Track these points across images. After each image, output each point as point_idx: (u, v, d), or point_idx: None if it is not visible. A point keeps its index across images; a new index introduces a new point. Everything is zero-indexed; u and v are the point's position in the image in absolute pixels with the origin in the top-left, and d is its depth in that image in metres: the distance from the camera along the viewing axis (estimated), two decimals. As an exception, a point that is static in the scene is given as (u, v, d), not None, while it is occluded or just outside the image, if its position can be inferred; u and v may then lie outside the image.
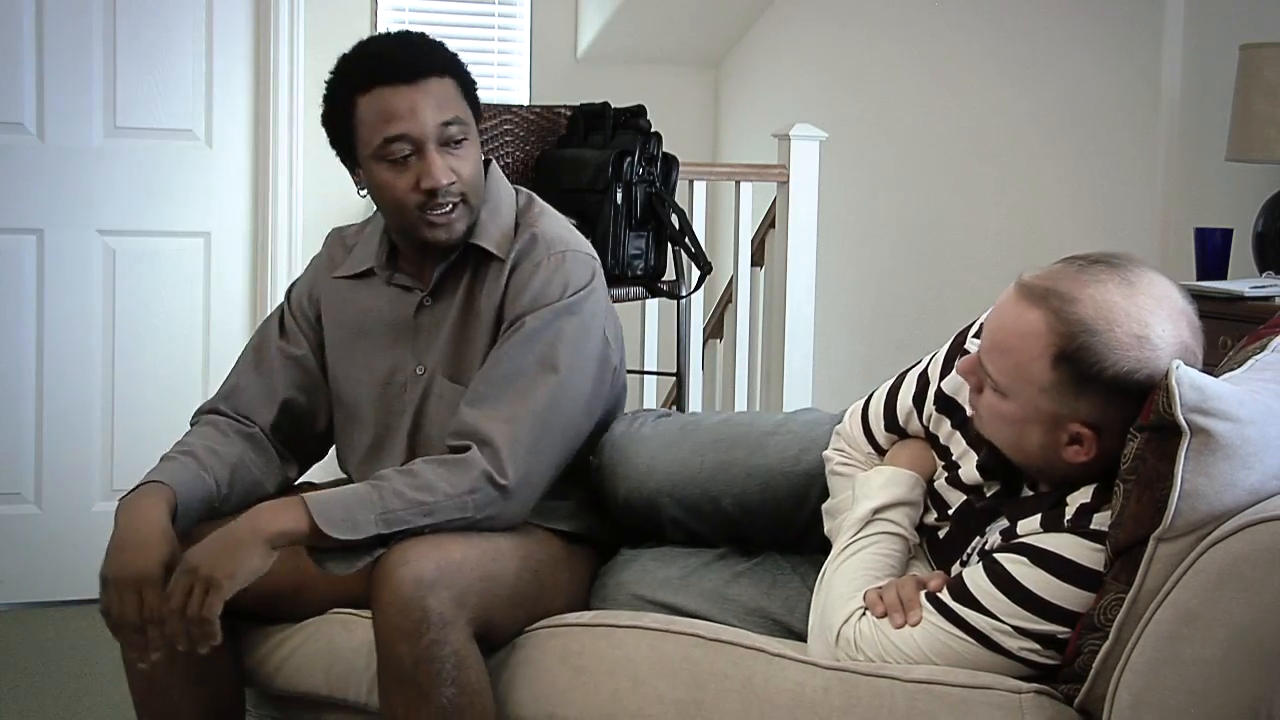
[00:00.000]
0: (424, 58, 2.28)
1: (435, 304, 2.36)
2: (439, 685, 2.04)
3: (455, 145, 2.27)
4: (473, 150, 2.30)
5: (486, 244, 2.32)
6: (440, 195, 2.25)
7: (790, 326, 4.31)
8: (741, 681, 2.03)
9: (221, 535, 2.09)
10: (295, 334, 2.45)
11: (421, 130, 2.24)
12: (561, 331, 2.26)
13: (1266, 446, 1.79)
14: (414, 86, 2.24)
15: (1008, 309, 1.94)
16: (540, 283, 2.28)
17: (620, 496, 2.37)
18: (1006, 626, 1.92)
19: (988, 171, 4.62)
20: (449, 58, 2.31)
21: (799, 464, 2.30)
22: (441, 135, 2.25)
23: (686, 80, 5.79)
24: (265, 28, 4.38)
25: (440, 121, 2.25)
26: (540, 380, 2.23)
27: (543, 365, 2.24)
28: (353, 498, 2.14)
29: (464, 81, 2.31)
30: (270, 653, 2.34)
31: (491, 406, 2.20)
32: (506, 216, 2.36)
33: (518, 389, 2.22)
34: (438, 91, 2.25)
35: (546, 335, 2.25)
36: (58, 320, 4.24)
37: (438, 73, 2.27)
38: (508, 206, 2.38)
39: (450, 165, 2.26)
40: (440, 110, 2.25)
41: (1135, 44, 4.07)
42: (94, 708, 3.46)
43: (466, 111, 2.29)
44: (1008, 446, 1.99)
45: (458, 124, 2.26)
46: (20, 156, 4.16)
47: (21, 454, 4.22)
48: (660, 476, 2.34)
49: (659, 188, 3.70)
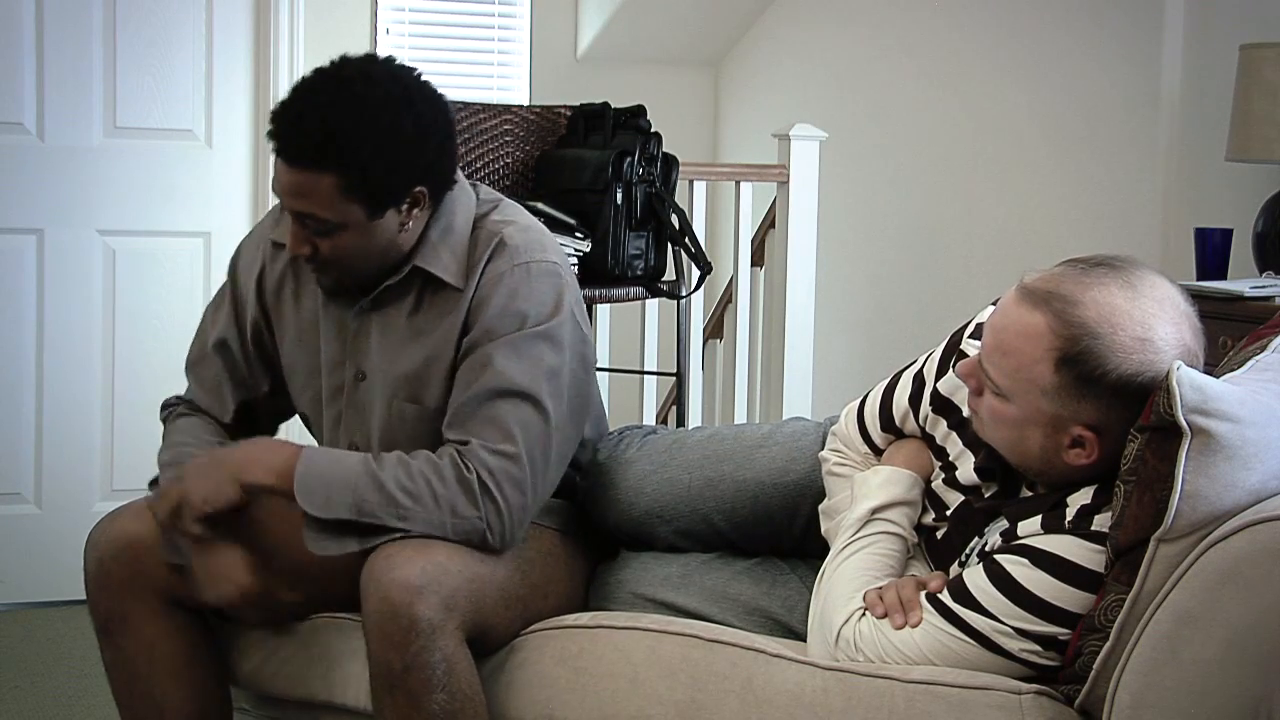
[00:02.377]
0: (306, 147, 2.10)
1: (375, 311, 2.27)
2: (430, 691, 2.03)
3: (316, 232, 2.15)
4: (347, 239, 2.16)
5: (434, 269, 2.22)
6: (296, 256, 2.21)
7: (790, 326, 4.30)
8: (740, 682, 2.03)
9: (212, 459, 2.19)
10: (230, 316, 2.38)
11: (285, 203, 2.16)
12: (544, 362, 2.18)
13: (1267, 447, 1.79)
14: (287, 168, 2.13)
15: (1010, 311, 1.94)
16: (510, 300, 2.19)
17: (610, 522, 2.36)
18: (1007, 628, 1.92)
19: (988, 171, 4.62)
20: (343, 155, 2.10)
21: (787, 474, 2.30)
22: (297, 218, 2.16)
23: (686, 80, 5.79)
24: (265, 28, 4.38)
25: (294, 210, 2.15)
26: (532, 417, 2.16)
27: (533, 401, 2.16)
28: (339, 474, 2.12)
29: (354, 178, 2.11)
30: (267, 657, 2.33)
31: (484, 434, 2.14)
32: (459, 237, 2.23)
33: (508, 422, 2.14)
34: (305, 183, 2.12)
35: (527, 365, 2.17)
36: (58, 320, 4.23)
37: (315, 168, 2.10)
38: (464, 221, 2.25)
39: (310, 240, 2.17)
40: (297, 200, 2.13)
41: (1135, 44, 4.07)
42: (94, 708, 3.46)
43: (347, 211, 2.13)
44: (1008, 449, 1.99)
45: (315, 221, 2.14)
46: (20, 156, 4.16)
47: (21, 454, 4.22)
48: (649, 499, 2.33)
49: (659, 188, 3.70)
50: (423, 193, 2.19)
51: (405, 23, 5.00)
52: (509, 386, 2.16)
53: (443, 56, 5.12)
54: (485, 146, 3.82)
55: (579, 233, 3.58)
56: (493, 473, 2.11)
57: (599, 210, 3.63)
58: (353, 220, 2.14)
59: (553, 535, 2.32)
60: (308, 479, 2.12)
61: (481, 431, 2.14)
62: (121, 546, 2.23)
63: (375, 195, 2.14)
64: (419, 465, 2.13)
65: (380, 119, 2.11)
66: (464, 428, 2.16)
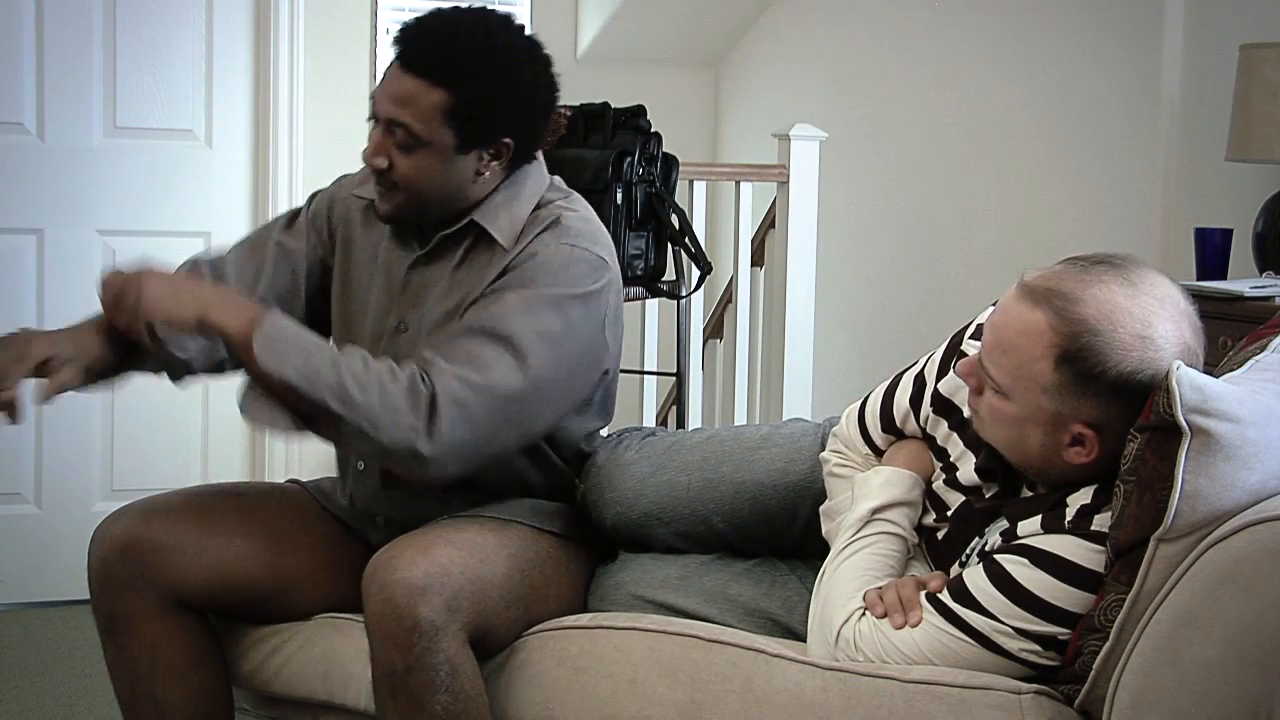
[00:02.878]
0: (430, 57, 2.18)
1: (428, 266, 2.31)
2: (433, 693, 2.03)
3: (400, 145, 2.20)
4: (426, 161, 2.20)
5: (488, 225, 2.25)
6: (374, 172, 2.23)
7: (790, 326, 4.30)
8: (740, 682, 2.03)
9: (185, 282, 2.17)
10: (302, 232, 2.41)
11: (378, 106, 2.21)
12: (546, 325, 2.17)
13: (1267, 447, 1.79)
14: (402, 73, 2.19)
15: (1010, 309, 1.94)
16: (545, 264, 2.21)
17: (608, 523, 2.36)
18: (1006, 627, 1.92)
19: (987, 171, 4.62)
20: (459, 76, 2.17)
21: (786, 475, 2.30)
22: (387, 127, 2.20)
23: (686, 80, 5.79)
24: (265, 28, 4.38)
25: (389, 117, 2.19)
26: (511, 366, 2.14)
27: (518, 352, 2.15)
28: (302, 341, 2.11)
29: (461, 103, 2.18)
30: (268, 657, 2.34)
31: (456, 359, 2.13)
32: (522, 208, 2.28)
33: (485, 359, 2.13)
34: (415, 92, 2.17)
35: (528, 320, 2.16)
36: (58, 320, 4.18)
37: (429, 79, 2.17)
38: (531, 195, 2.29)
39: (388, 153, 2.20)
40: (398, 107, 2.18)
41: (1135, 44, 4.07)
42: (94, 708, 3.46)
43: (435, 130, 2.18)
44: (1008, 448, 1.99)
45: (406, 132, 2.18)
46: (20, 156, 4.16)
47: (21, 454, 4.22)
48: (648, 501, 2.33)
49: (659, 188, 3.70)
50: (508, 146, 2.24)
51: (405, 23, 5.00)
52: (500, 330, 2.15)
53: (443, 56, 5.12)
54: (485, 146, 3.82)
55: (579, 233, 3.58)
56: (449, 396, 2.09)
57: (599, 210, 3.61)
58: (440, 144, 2.19)
59: (552, 539, 2.31)
60: (270, 332, 2.09)
61: (454, 356, 2.13)
62: (125, 546, 2.23)
63: (470, 128, 2.20)
64: (378, 365, 2.11)
65: (505, 61, 2.21)
66: (439, 349, 2.15)
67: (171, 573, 2.24)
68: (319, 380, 2.07)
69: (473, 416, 2.11)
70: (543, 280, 2.20)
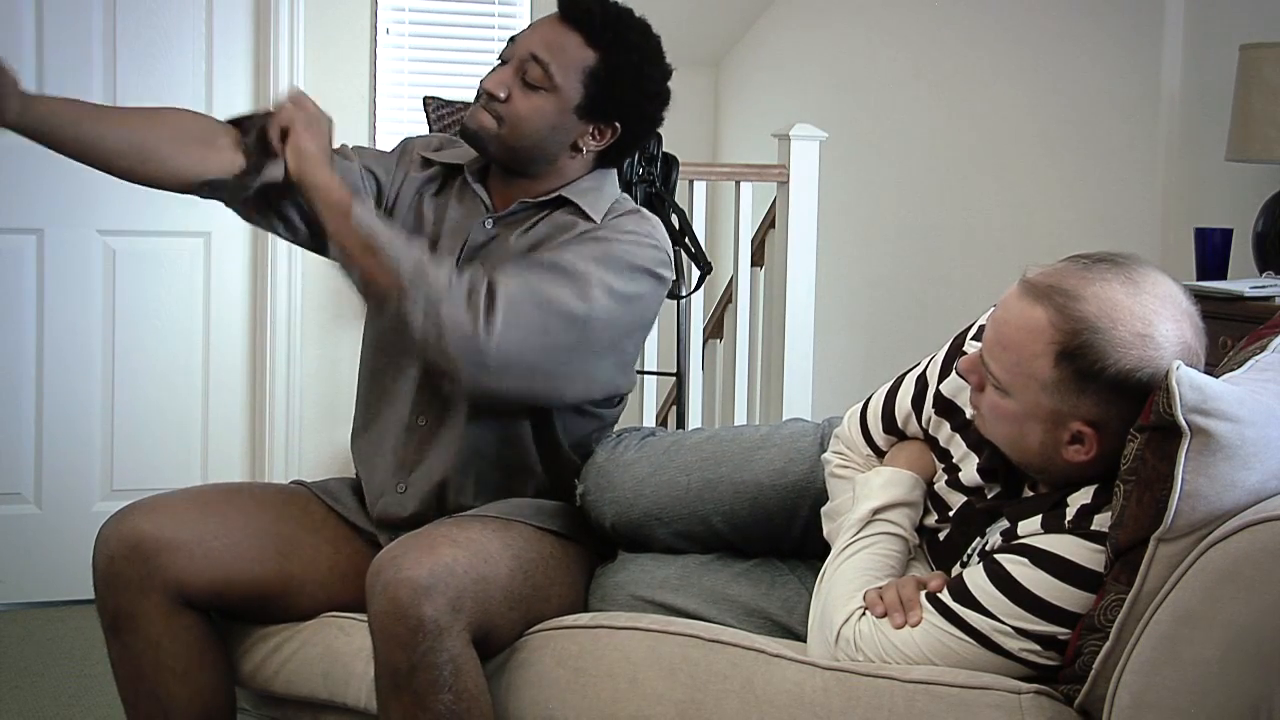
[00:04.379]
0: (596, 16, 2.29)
1: (496, 229, 2.36)
2: (437, 692, 2.03)
3: (528, 84, 2.27)
4: (546, 105, 2.28)
5: (575, 198, 2.33)
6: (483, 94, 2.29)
7: (790, 326, 4.31)
8: (740, 682, 2.03)
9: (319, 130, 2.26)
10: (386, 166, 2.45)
11: (521, 42, 2.29)
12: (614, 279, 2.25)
13: (1266, 447, 1.79)
14: (558, 20, 2.28)
15: (1011, 305, 1.94)
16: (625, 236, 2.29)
17: (608, 523, 2.36)
18: (1006, 627, 1.92)
19: (987, 171, 4.62)
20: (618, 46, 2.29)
21: (785, 476, 2.30)
22: (523, 63, 2.27)
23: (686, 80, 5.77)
24: (265, 28, 4.38)
25: (534, 53, 2.27)
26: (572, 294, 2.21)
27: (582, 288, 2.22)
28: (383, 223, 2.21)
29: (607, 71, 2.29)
30: (268, 656, 2.34)
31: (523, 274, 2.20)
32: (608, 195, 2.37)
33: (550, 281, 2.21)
34: (567, 43, 2.28)
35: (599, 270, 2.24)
36: (58, 320, 4.24)
37: (587, 36, 2.28)
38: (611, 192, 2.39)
39: (511, 87, 2.28)
40: (545, 48, 2.28)
41: (1135, 44, 4.07)
42: (94, 708, 3.46)
43: (571, 83, 2.28)
44: (1008, 445, 1.99)
45: (542, 68, 2.27)
46: (20, 156, 4.15)
47: (21, 454, 4.22)
48: (647, 501, 2.33)
49: (659, 188, 3.70)
50: (614, 131, 2.34)
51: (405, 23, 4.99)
52: (570, 267, 2.23)
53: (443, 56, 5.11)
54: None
55: (579, 233, 3.58)
56: (508, 296, 2.16)
57: (599, 210, 3.63)
58: (566, 97, 2.28)
59: (554, 539, 2.32)
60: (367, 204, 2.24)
61: (524, 271, 2.21)
62: (131, 545, 2.23)
63: (600, 95, 2.29)
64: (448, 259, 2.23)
65: (656, 54, 2.35)
66: (505, 270, 2.21)
67: (176, 571, 2.24)
68: (399, 249, 2.17)
69: (527, 322, 2.18)
70: (622, 244, 2.29)
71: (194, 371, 4.36)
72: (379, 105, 4.83)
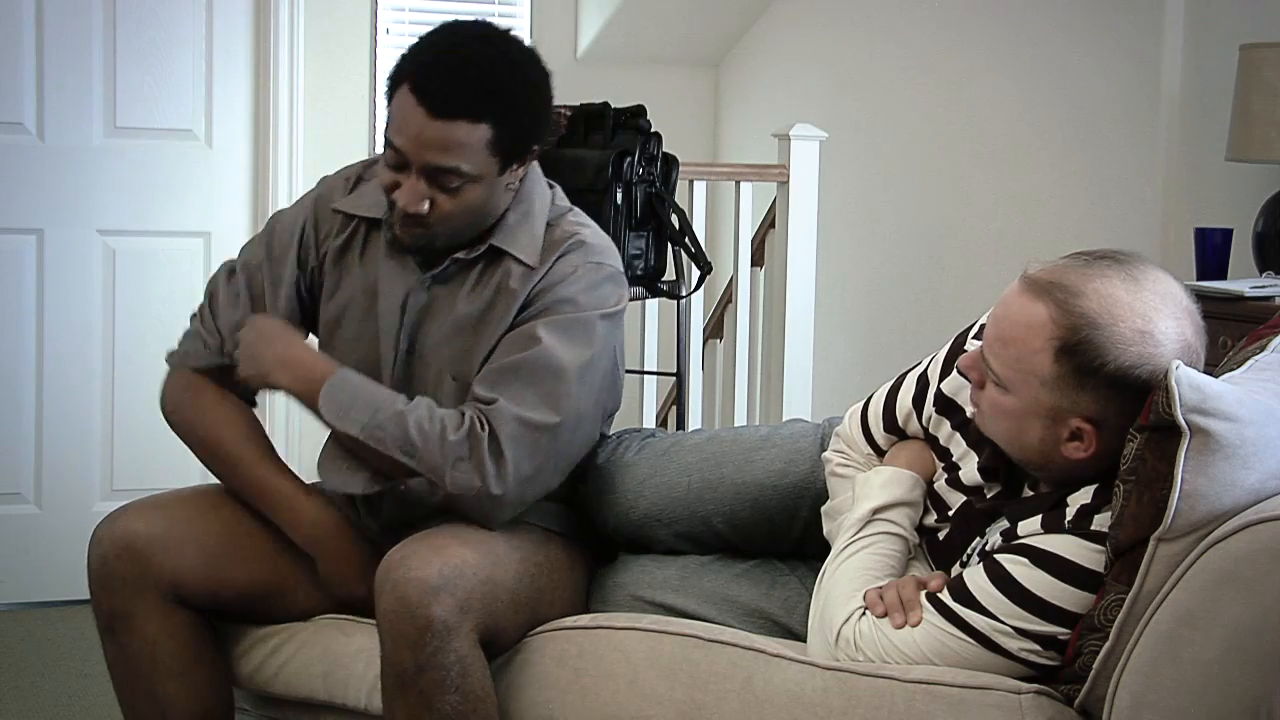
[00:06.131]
0: (464, 97, 2.12)
1: (438, 287, 2.29)
2: (443, 692, 2.03)
3: (445, 189, 2.16)
4: (471, 193, 2.18)
5: (514, 250, 2.25)
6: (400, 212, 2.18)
7: (790, 326, 4.31)
8: (740, 682, 2.03)
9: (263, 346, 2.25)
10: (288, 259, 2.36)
11: (413, 157, 2.15)
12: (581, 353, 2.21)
13: (1266, 446, 1.79)
14: (433, 121, 2.12)
15: (1012, 301, 1.94)
16: (578, 288, 2.23)
17: (610, 525, 2.36)
18: (1006, 627, 1.92)
19: (988, 171, 4.62)
20: (498, 105, 2.14)
21: (786, 476, 2.30)
22: (426, 172, 2.15)
23: (686, 80, 5.79)
24: (265, 28, 4.38)
25: (435, 165, 2.14)
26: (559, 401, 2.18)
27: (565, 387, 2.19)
28: (368, 394, 2.18)
29: (505, 130, 2.15)
30: (268, 657, 2.34)
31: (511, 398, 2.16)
32: (537, 225, 2.27)
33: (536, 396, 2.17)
34: (456, 136, 2.13)
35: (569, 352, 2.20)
36: (58, 320, 4.24)
37: (470, 117, 2.13)
38: (540, 210, 2.29)
39: (431, 196, 2.17)
40: (443, 154, 2.13)
41: (1135, 44, 4.07)
42: (94, 708, 3.46)
43: (485, 164, 2.16)
44: (1007, 442, 1.99)
45: (456, 175, 2.15)
46: (20, 156, 4.16)
47: (21, 454, 4.22)
48: (648, 502, 2.33)
49: (659, 188, 3.70)
50: (535, 151, 2.24)
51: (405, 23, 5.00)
52: (552, 361, 2.19)
53: (443, 56, 5.11)
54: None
55: (579, 233, 3.58)
56: (513, 437, 2.14)
57: (599, 210, 3.63)
58: (487, 174, 2.17)
59: (557, 540, 2.32)
60: (335, 390, 2.18)
61: (515, 395, 2.17)
62: (124, 545, 2.24)
63: (515, 148, 2.18)
64: (443, 413, 2.16)
65: (527, 72, 2.20)
66: (496, 388, 2.18)
67: (171, 571, 2.24)
68: (385, 436, 2.15)
69: (538, 453, 2.17)
70: (577, 304, 2.23)
71: (194, 371, 4.35)
72: (379, 105, 4.83)
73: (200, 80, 4.33)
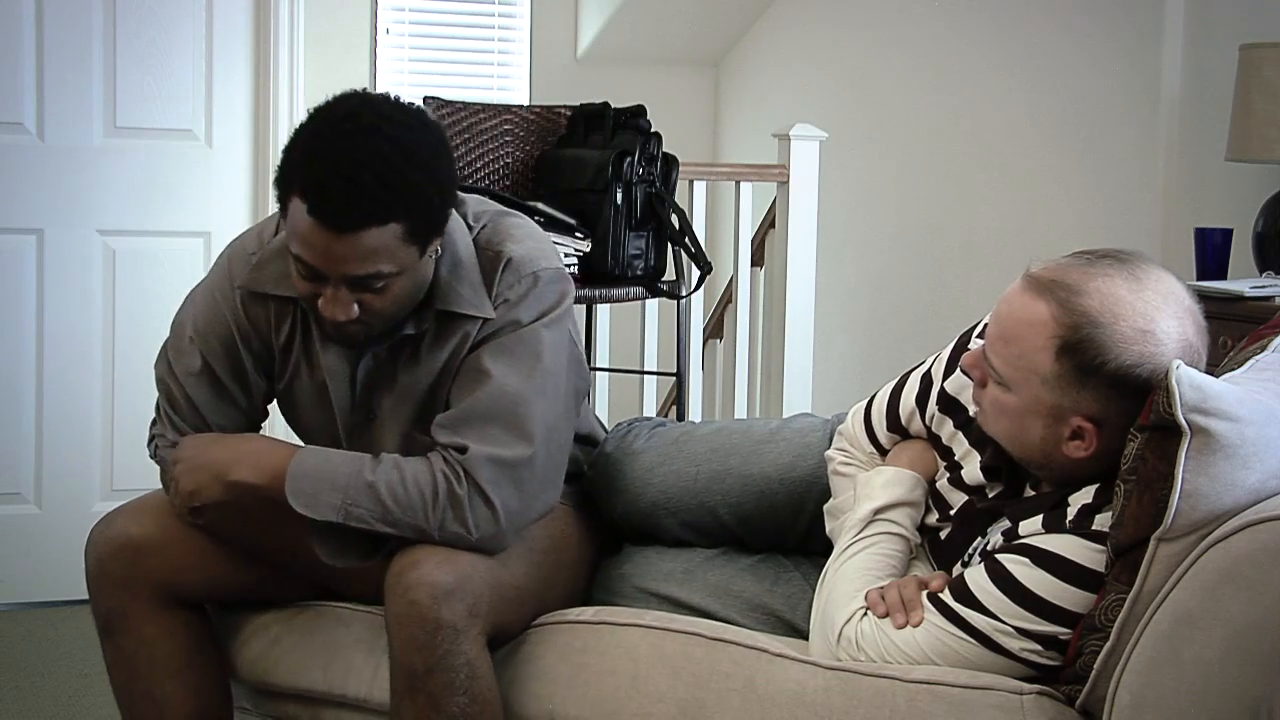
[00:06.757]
0: (367, 205, 1.98)
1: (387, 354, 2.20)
2: (451, 694, 2.03)
3: (372, 290, 2.05)
4: (399, 284, 2.07)
5: (460, 308, 2.15)
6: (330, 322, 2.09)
7: (790, 326, 4.31)
8: (743, 681, 2.03)
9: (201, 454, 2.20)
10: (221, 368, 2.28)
11: (330, 272, 2.03)
12: (535, 357, 2.14)
13: (1267, 446, 1.79)
14: (340, 237, 1.99)
15: (1014, 299, 1.94)
16: (517, 310, 2.15)
17: (616, 512, 2.37)
18: (1008, 627, 1.92)
19: (988, 171, 4.62)
20: (401, 200, 2.00)
21: (794, 470, 2.30)
22: (350, 282, 2.04)
23: (686, 80, 5.79)
24: (265, 28, 4.38)
25: (354, 275, 2.03)
26: (530, 433, 2.11)
27: (530, 417, 2.11)
28: (330, 475, 2.11)
29: (416, 219, 2.02)
30: (269, 646, 2.34)
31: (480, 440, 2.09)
32: (469, 269, 2.16)
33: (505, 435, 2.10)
34: (369, 244, 2.00)
35: (517, 369, 2.13)
36: (58, 320, 4.23)
37: (379, 221, 1.99)
38: (466, 250, 2.17)
39: (360, 300, 2.06)
40: (360, 264, 2.01)
41: (1135, 44, 4.07)
42: (94, 708, 3.46)
43: (405, 256, 2.03)
44: (1009, 441, 1.99)
45: (378, 277, 2.03)
46: (20, 156, 4.16)
47: (21, 454, 4.22)
48: (655, 490, 2.34)
49: (659, 188, 3.70)
50: (448, 214, 2.12)
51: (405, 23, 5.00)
52: (507, 392, 2.12)
53: (443, 56, 5.12)
54: (485, 146, 3.82)
55: (579, 233, 3.59)
56: (492, 480, 2.09)
57: (599, 210, 3.63)
58: (408, 264, 2.05)
59: (565, 512, 2.31)
60: (298, 478, 2.11)
61: (480, 437, 2.10)
62: (120, 546, 2.24)
63: (431, 229, 2.07)
64: (413, 472, 2.10)
65: (420, 149, 2.04)
66: (460, 433, 2.11)
67: (166, 572, 2.25)
68: (360, 512, 2.10)
69: (520, 484, 2.11)
70: (519, 323, 2.15)
71: (194, 371, 4.35)
72: (379, 105, 4.83)
73: (200, 80, 4.32)
